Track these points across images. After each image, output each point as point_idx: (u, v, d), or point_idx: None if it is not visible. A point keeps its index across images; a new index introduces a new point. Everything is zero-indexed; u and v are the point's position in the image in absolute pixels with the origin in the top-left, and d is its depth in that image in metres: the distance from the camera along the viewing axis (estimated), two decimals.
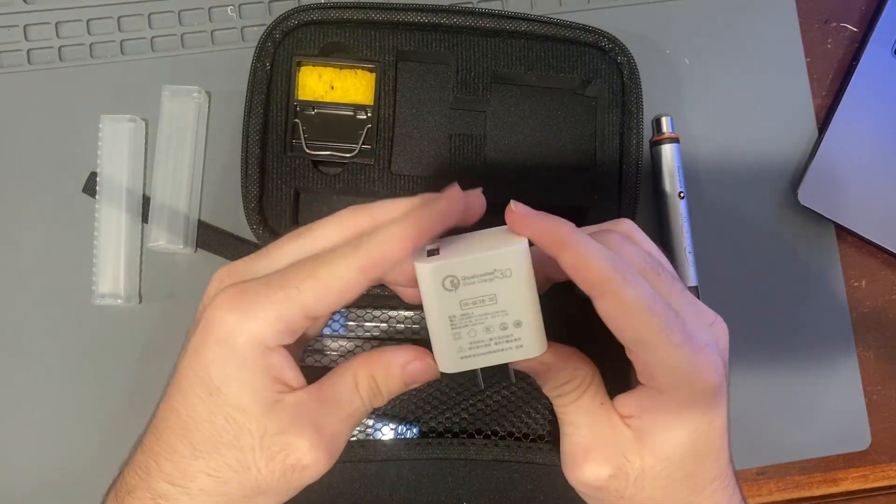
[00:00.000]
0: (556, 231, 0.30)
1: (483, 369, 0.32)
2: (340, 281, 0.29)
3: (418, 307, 0.41)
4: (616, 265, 0.29)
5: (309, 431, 0.30)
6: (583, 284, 0.30)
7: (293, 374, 0.31)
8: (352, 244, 0.30)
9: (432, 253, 0.31)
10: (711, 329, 0.32)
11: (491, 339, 0.30)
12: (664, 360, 0.30)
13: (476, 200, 0.31)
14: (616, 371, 0.36)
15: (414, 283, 0.32)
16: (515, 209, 0.31)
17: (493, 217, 0.32)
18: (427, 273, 0.30)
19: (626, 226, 0.34)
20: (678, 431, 0.31)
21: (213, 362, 0.29)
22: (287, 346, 0.31)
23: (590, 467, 0.32)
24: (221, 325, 0.29)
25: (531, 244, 0.30)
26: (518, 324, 0.30)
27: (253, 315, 0.29)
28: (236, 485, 0.30)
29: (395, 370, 0.32)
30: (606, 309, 0.29)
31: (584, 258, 0.29)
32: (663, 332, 0.29)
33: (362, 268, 0.29)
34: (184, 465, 0.30)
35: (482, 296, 0.30)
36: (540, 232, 0.30)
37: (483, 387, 0.33)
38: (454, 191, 0.30)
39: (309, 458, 0.30)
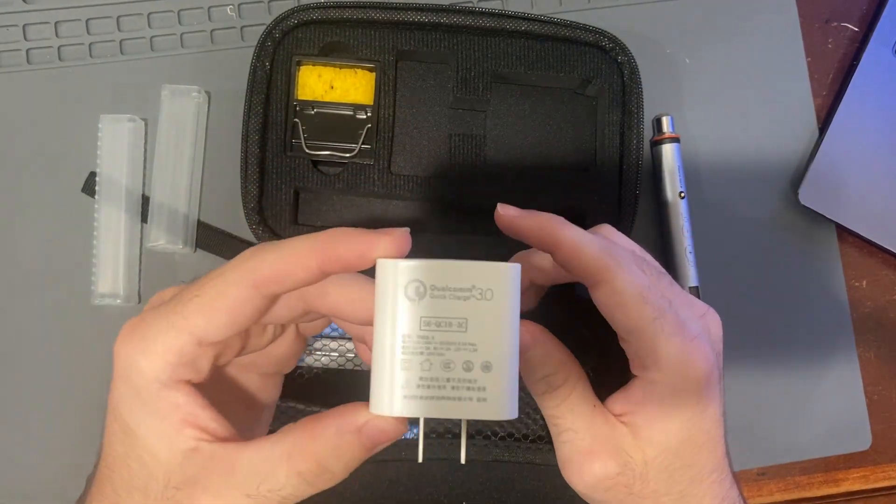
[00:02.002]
0: (549, 225, 0.30)
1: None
2: (227, 298, 0.25)
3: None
4: (611, 253, 0.29)
5: (207, 497, 0.25)
6: (579, 273, 0.30)
7: (210, 417, 0.26)
8: (244, 255, 0.26)
9: None
10: (702, 320, 0.32)
11: (448, 381, 0.24)
12: (656, 349, 0.30)
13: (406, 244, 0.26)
14: (615, 374, 0.36)
15: (363, 319, 0.27)
16: (504, 212, 0.30)
17: (492, 220, 0.31)
18: (389, 269, 0.24)
19: (606, 230, 0.34)
20: (672, 421, 0.31)
21: (121, 400, 0.27)
22: (235, 383, 0.28)
23: (598, 467, 0.31)
24: (118, 360, 0.27)
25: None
26: (487, 367, 0.24)
27: (142, 349, 0.26)
28: None
29: (350, 438, 0.25)
30: (602, 297, 0.29)
31: (579, 247, 0.29)
32: (656, 321, 0.29)
33: (253, 282, 0.25)
34: None
35: (451, 317, 0.24)
36: (532, 228, 0.30)
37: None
38: (402, 230, 0.26)
39: None
